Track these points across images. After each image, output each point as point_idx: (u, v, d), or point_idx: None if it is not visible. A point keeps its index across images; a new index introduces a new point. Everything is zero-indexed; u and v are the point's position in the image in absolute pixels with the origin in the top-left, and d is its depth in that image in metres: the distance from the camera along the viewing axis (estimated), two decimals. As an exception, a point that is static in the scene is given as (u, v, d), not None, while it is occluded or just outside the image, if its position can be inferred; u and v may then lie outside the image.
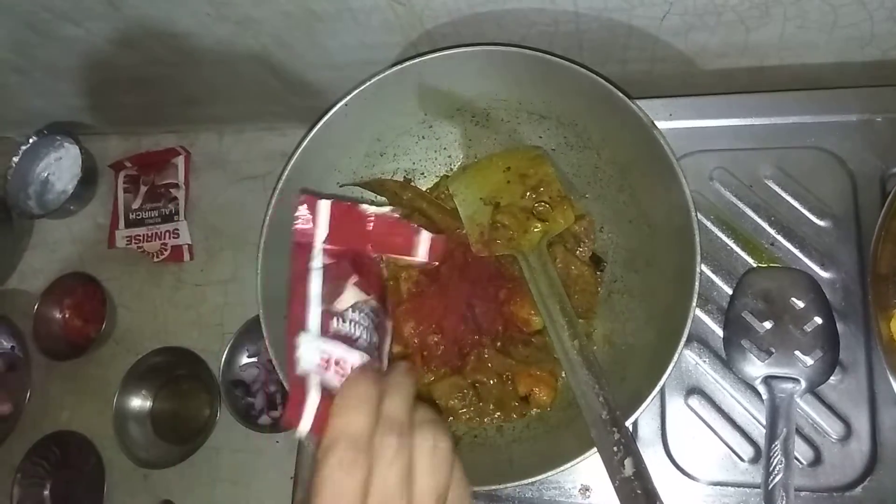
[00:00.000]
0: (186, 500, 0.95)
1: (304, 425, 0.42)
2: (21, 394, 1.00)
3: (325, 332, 0.45)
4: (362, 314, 0.48)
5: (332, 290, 0.47)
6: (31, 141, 1.10)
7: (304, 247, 0.50)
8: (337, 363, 0.44)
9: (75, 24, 0.81)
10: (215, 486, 0.94)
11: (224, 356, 0.95)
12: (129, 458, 0.95)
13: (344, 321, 0.47)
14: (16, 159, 1.10)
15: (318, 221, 0.50)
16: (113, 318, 1.03)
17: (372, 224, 0.52)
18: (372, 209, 0.52)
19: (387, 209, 0.53)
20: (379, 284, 0.52)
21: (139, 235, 1.06)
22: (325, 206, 0.50)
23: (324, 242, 0.50)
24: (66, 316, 1.05)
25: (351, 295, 0.48)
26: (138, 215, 1.07)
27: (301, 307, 0.46)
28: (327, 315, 0.46)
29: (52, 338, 1.04)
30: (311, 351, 0.44)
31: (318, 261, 0.49)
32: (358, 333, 0.47)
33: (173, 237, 1.05)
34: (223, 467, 0.95)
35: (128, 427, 0.97)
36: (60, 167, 1.12)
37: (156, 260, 1.04)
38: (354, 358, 0.45)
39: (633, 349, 0.69)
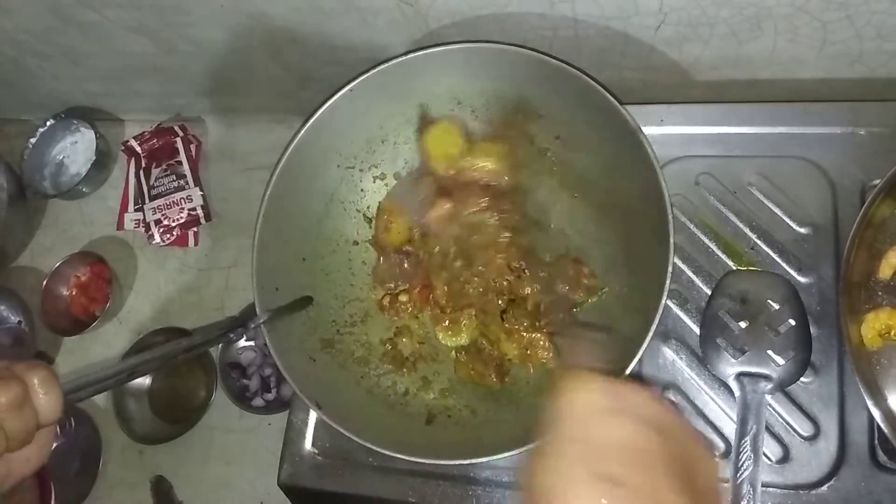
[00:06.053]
0: (179, 476, 0.97)
1: None
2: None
3: None
4: None
5: None
6: (48, 124, 1.14)
7: None
8: None
9: (95, 11, 0.84)
10: (207, 463, 0.97)
11: (222, 339, 0.97)
12: (125, 433, 0.98)
13: None
14: (33, 141, 1.14)
15: None
16: (117, 297, 1.05)
17: None
18: None
19: None
20: None
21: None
22: None
23: None
24: (73, 293, 1.08)
25: None
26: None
27: None
28: None
29: (59, 314, 1.06)
30: None
31: None
32: None
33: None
34: (216, 446, 0.97)
35: (126, 403, 1.00)
36: (75, 150, 1.15)
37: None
38: None
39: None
